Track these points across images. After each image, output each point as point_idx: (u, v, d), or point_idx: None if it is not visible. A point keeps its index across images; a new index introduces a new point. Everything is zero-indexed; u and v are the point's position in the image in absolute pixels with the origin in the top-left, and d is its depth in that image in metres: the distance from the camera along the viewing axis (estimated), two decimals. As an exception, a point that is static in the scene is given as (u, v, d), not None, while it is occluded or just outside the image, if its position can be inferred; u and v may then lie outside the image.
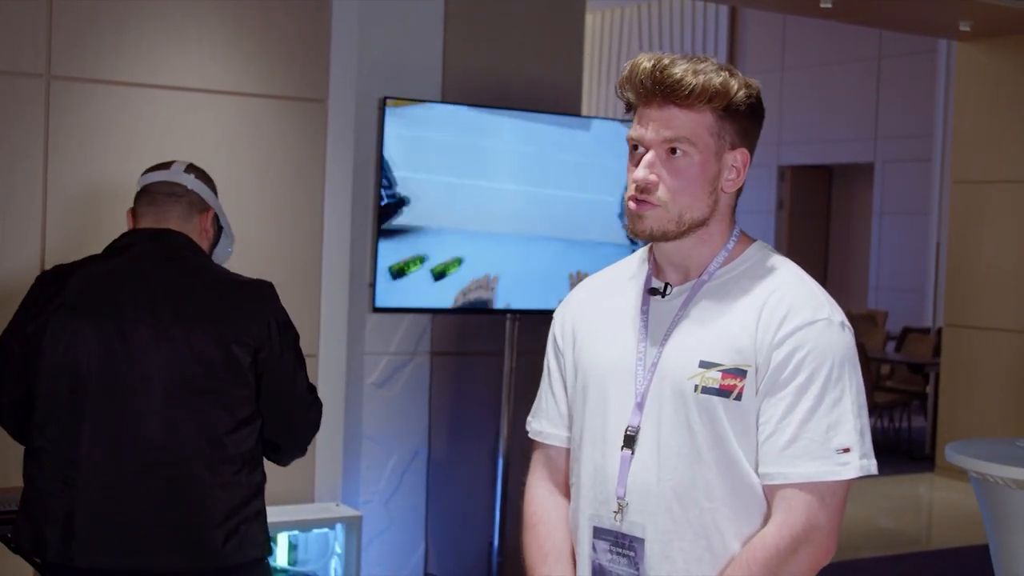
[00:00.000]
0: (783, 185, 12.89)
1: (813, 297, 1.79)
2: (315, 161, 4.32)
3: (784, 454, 1.73)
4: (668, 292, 1.84)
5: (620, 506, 1.80)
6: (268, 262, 4.20)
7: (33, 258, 3.85)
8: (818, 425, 1.73)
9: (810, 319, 1.76)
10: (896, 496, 7.72)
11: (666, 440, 1.77)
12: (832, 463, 1.72)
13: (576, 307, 1.97)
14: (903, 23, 8.00)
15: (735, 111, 1.77)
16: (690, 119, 1.75)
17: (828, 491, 1.73)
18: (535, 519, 1.96)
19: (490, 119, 4.60)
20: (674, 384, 1.78)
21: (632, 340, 1.84)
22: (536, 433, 2.00)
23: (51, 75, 3.87)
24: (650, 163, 1.77)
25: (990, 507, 4.21)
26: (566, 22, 5.13)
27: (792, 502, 1.72)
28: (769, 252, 1.87)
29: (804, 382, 1.73)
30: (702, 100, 1.74)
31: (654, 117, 1.77)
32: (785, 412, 1.73)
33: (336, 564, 4.26)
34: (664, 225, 1.78)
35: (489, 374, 4.90)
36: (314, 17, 4.30)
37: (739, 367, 1.74)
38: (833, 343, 1.76)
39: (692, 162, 1.76)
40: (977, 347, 7.80)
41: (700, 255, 1.83)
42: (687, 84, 1.73)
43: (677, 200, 1.77)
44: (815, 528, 1.72)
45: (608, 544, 1.82)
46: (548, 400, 1.99)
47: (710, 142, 1.77)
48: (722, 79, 1.75)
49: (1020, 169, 7.62)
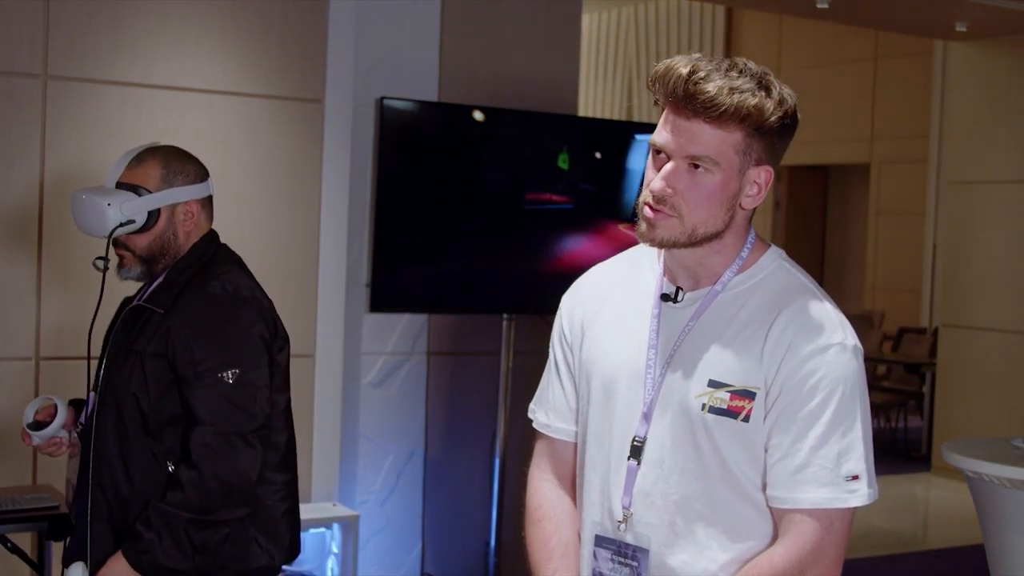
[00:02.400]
0: (779, 185, 12.89)
1: (827, 319, 1.76)
2: (312, 161, 4.32)
3: (795, 479, 1.72)
4: (680, 298, 1.81)
5: (625, 516, 1.79)
6: (265, 262, 4.20)
7: (30, 258, 3.85)
8: (829, 452, 1.72)
9: (825, 344, 1.73)
10: (892, 496, 7.73)
11: (672, 454, 1.76)
12: (842, 490, 1.71)
13: (585, 300, 1.94)
14: (898, 24, 8.01)
15: (766, 131, 1.72)
16: (718, 137, 1.70)
17: (837, 517, 1.73)
18: (540, 513, 1.94)
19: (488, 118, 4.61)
20: (681, 400, 1.76)
21: (641, 345, 1.82)
22: (543, 426, 1.98)
23: (48, 75, 3.87)
24: (669, 174, 1.72)
25: (985, 506, 4.22)
26: (563, 22, 5.14)
27: (801, 527, 1.72)
28: (784, 262, 1.84)
29: (816, 408, 1.72)
30: (734, 120, 1.68)
31: (681, 128, 1.71)
32: (797, 437, 1.72)
33: (333, 564, 4.26)
34: (676, 236, 1.74)
35: (486, 374, 4.91)
36: (311, 17, 4.30)
37: (748, 389, 1.73)
38: (846, 369, 1.73)
39: (713, 179, 1.72)
40: (973, 347, 7.81)
41: (713, 263, 1.80)
42: (720, 104, 1.66)
43: (693, 214, 1.73)
44: (822, 552, 1.73)
45: (610, 553, 1.82)
46: (556, 392, 1.97)
47: (735, 160, 1.72)
48: (757, 101, 1.68)
49: (1015, 170, 7.63)
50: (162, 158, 2.49)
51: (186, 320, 2.39)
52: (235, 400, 2.36)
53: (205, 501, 2.33)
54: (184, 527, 2.31)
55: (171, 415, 2.39)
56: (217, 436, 2.34)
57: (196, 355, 2.36)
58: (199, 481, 2.32)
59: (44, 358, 3.87)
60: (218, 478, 2.33)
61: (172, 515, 2.31)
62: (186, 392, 2.36)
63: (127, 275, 2.50)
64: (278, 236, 4.26)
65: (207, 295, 2.43)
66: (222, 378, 2.35)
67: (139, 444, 2.40)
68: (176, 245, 2.49)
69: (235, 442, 2.35)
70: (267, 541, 2.48)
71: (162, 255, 2.48)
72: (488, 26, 4.94)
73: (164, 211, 2.46)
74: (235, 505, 2.37)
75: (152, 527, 2.32)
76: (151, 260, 2.48)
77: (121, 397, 2.42)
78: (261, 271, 4.17)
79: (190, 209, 2.49)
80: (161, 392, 2.39)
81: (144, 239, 2.46)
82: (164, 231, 2.47)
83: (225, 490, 2.34)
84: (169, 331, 2.38)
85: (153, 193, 2.44)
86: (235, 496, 2.36)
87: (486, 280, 4.66)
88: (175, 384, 2.38)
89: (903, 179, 11.42)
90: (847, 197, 13.04)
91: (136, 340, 2.43)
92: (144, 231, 2.45)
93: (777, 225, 12.90)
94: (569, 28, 5.17)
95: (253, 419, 2.38)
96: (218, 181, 4.01)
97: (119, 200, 2.41)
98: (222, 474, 2.34)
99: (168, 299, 2.43)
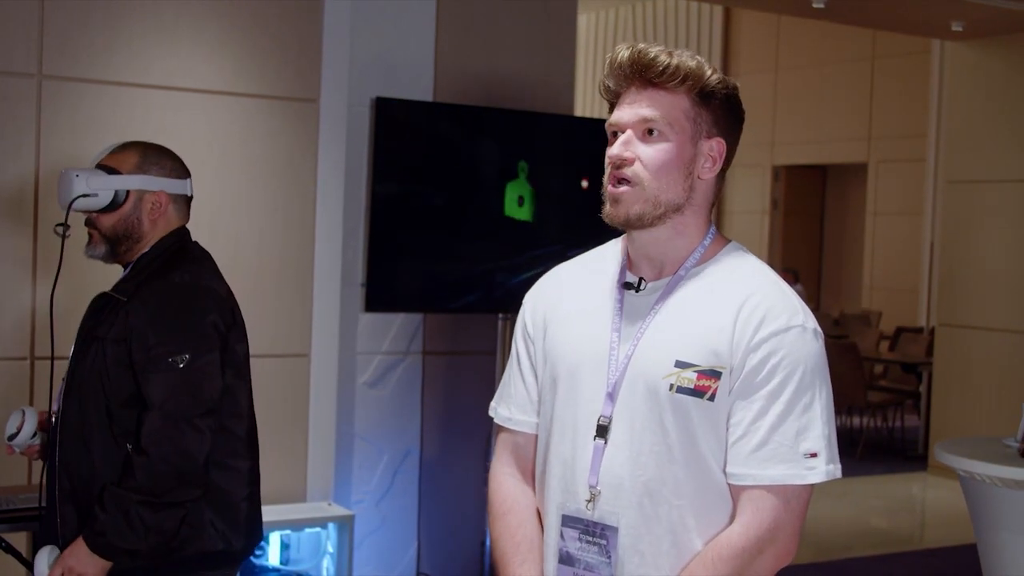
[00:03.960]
0: (777, 185, 12.90)
1: (789, 303, 1.81)
2: (307, 161, 4.32)
3: (754, 456, 1.76)
4: (642, 287, 1.86)
5: (592, 495, 1.82)
6: (260, 262, 4.21)
7: (26, 258, 3.85)
8: (788, 429, 1.76)
9: (785, 325, 1.78)
10: (889, 495, 7.74)
11: (639, 436, 1.79)
12: (800, 467, 1.76)
13: (547, 295, 1.98)
14: (895, 23, 8.01)
15: (710, 96, 1.81)
16: (666, 100, 1.80)
17: (794, 494, 1.77)
18: (504, 508, 1.96)
19: (483, 118, 4.61)
20: (648, 382, 1.79)
21: (605, 332, 1.86)
22: (504, 419, 2.01)
23: (43, 75, 3.87)
24: (626, 141, 1.81)
25: (977, 505, 4.23)
26: (559, 21, 5.14)
27: (760, 503, 1.76)
28: (744, 253, 1.89)
29: (776, 387, 1.76)
30: (676, 79, 1.79)
31: (631, 99, 1.82)
32: (757, 415, 1.76)
33: (328, 563, 4.26)
34: (641, 209, 1.80)
35: (481, 373, 4.91)
36: (306, 16, 4.30)
37: (714, 368, 1.77)
38: (806, 350, 1.79)
39: (667, 144, 1.80)
40: (970, 346, 7.82)
41: (676, 249, 1.85)
42: (661, 62, 1.79)
43: (653, 179, 1.80)
44: (780, 529, 1.76)
45: (577, 532, 1.84)
46: (517, 386, 2.00)
47: (686, 126, 1.81)
48: (696, 62, 1.81)
49: (1013, 169, 7.64)
50: (142, 148, 2.63)
51: (144, 307, 2.49)
52: (184, 385, 2.45)
53: (155, 484, 2.42)
54: (136, 509, 2.41)
55: (128, 397, 2.48)
56: (166, 420, 2.43)
57: (150, 340, 2.46)
58: (148, 465, 2.41)
59: (39, 358, 3.87)
60: (166, 461, 2.42)
61: (124, 497, 2.41)
62: (140, 376, 2.46)
63: (92, 253, 2.62)
64: (273, 236, 4.27)
65: (166, 284, 2.54)
66: (173, 363, 2.45)
67: (100, 427, 2.50)
68: (140, 231, 2.59)
69: (183, 426, 2.44)
70: (224, 526, 2.57)
71: (125, 238, 2.58)
72: (484, 25, 4.95)
73: (132, 195, 2.57)
74: (185, 486, 2.46)
75: (107, 510, 2.41)
76: (115, 241, 2.59)
77: (84, 382, 2.52)
78: (256, 270, 4.21)
79: (159, 200, 2.59)
80: (120, 375, 2.48)
81: (109, 219, 2.57)
82: (129, 215, 2.57)
83: (174, 473, 2.43)
84: (128, 316, 2.48)
85: (122, 175, 2.56)
86: (184, 478, 2.45)
87: (481, 280, 4.67)
88: (131, 368, 2.47)
89: (901, 178, 11.43)
90: (845, 196, 13.05)
91: (98, 327, 2.54)
92: (110, 211, 2.57)
93: (775, 224, 12.91)
94: (565, 28, 5.18)
95: (201, 404, 2.46)
96: (214, 181, 4.02)
97: (87, 174, 2.55)
98: (170, 457, 2.42)
99: (131, 288, 2.54)
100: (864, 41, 11.36)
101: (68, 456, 2.53)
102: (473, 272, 4.64)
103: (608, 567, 1.81)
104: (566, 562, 1.85)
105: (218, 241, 4.04)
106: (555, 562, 1.87)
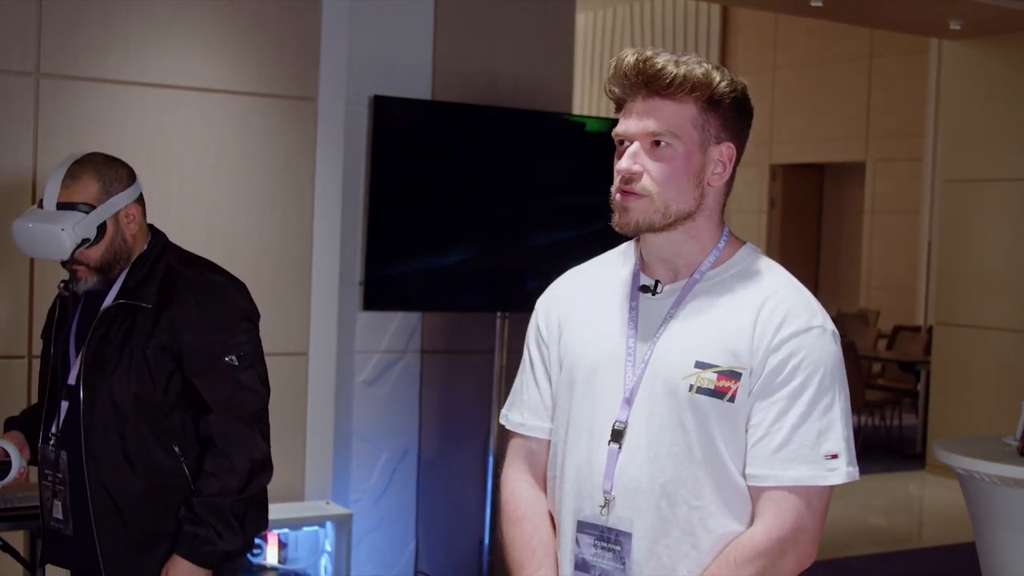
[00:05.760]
0: (775, 184, 12.90)
1: (808, 304, 1.81)
2: (305, 159, 4.32)
3: (775, 457, 1.75)
4: (659, 290, 1.84)
5: (607, 500, 1.80)
6: (258, 260, 4.20)
7: (23, 258, 3.85)
8: (809, 430, 1.75)
9: (805, 326, 1.77)
10: (887, 494, 7.74)
11: (657, 438, 1.77)
12: (821, 468, 1.74)
13: (561, 299, 1.96)
14: (893, 22, 8.02)
15: (718, 103, 1.78)
16: (673, 110, 1.77)
17: (816, 495, 1.75)
18: (519, 513, 1.95)
19: (481, 116, 4.61)
20: (667, 383, 1.78)
21: (621, 336, 1.84)
22: (517, 425, 2.00)
23: (40, 73, 3.87)
24: (634, 154, 1.78)
25: (976, 504, 4.23)
26: (557, 21, 5.14)
27: (782, 504, 1.74)
28: (760, 255, 1.88)
29: (798, 388, 1.75)
30: (684, 90, 1.76)
31: (638, 110, 1.79)
32: (777, 416, 1.75)
33: (326, 562, 4.26)
34: (650, 216, 1.78)
35: (480, 372, 4.91)
36: (304, 15, 4.30)
37: (734, 369, 1.76)
38: (826, 351, 1.77)
39: (676, 153, 1.77)
40: (968, 345, 7.82)
41: (689, 251, 1.83)
42: (668, 73, 1.75)
43: (663, 191, 1.77)
44: (802, 531, 1.75)
45: (592, 538, 1.82)
46: (531, 391, 1.98)
47: (694, 134, 1.77)
48: (704, 70, 1.77)
49: (1010, 168, 7.64)
50: (94, 170, 2.55)
51: (187, 311, 2.52)
52: (244, 381, 2.54)
53: (240, 482, 2.51)
54: (230, 511, 2.50)
55: (175, 402, 2.52)
56: (237, 419, 2.52)
57: (202, 342, 2.51)
58: (230, 466, 2.50)
59: (36, 357, 3.86)
60: (247, 458, 2.52)
61: (216, 504, 2.48)
62: (196, 379, 2.51)
63: (86, 287, 2.58)
64: (271, 234, 4.26)
65: (202, 285, 2.57)
66: (229, 361, 2.52)
67: (142, 437, 2.50)
68: (127, 249, 2.58)
69: (252, 423, 2.55)
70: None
71: (116, 261, 2.57)
72: (482, 24, 4.94)
73: (110, 221, 2.54)
74: (260, 475, 2.57)
75: (202, 522, 2.48)
76: (106, 268, 2.57)
77: (118, 395, 2.50)
78: (254, 269, 4.20)
79: (130, 212, 2.58)
80: (167, 382, 2.51)
81: (97, 251, 2.54)
82: (114, 239, 2.56)
83: (253, 467, 2.54)
84: (172, 324, 2.51)
85: (96, 208, 2.52)
86: (261, 468, 2.56)
87: (480, 278, 4.67)
88: (179, 372, 2.51)
89: (898, 177, 11.43)
90: (842, 195, 13.05)
91: (130, 337, 2.51)
92: (96, 244, 2.54)
93: (772, 223, 12.90)
94: (563, 27, 5.18)
95: (262, 397, 2.59)
96: (211, 180, 4.03)
97: (70, 222, 2.49)
98: (248, 454, 2.53)
99: (151, 293, 2.54)
100: (862, 40, 11.35)
101: (105, 478, 2.51)
102: (471, 271, 4.64)
103: (623, 573, 1.79)
104: (582, 568, 1.84)
105: (215, 239, 4.05)
106: (571, 568, 1.86)
